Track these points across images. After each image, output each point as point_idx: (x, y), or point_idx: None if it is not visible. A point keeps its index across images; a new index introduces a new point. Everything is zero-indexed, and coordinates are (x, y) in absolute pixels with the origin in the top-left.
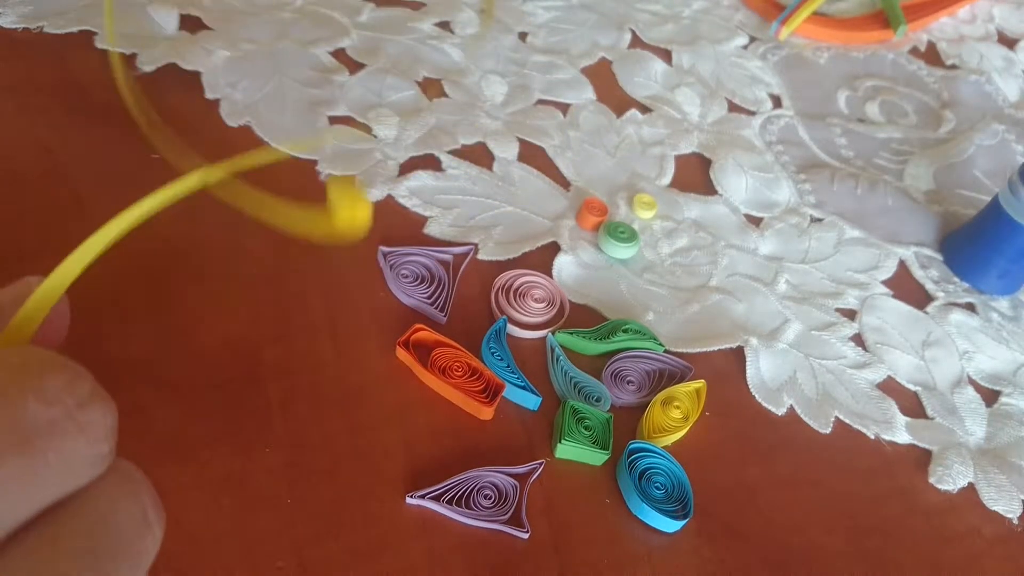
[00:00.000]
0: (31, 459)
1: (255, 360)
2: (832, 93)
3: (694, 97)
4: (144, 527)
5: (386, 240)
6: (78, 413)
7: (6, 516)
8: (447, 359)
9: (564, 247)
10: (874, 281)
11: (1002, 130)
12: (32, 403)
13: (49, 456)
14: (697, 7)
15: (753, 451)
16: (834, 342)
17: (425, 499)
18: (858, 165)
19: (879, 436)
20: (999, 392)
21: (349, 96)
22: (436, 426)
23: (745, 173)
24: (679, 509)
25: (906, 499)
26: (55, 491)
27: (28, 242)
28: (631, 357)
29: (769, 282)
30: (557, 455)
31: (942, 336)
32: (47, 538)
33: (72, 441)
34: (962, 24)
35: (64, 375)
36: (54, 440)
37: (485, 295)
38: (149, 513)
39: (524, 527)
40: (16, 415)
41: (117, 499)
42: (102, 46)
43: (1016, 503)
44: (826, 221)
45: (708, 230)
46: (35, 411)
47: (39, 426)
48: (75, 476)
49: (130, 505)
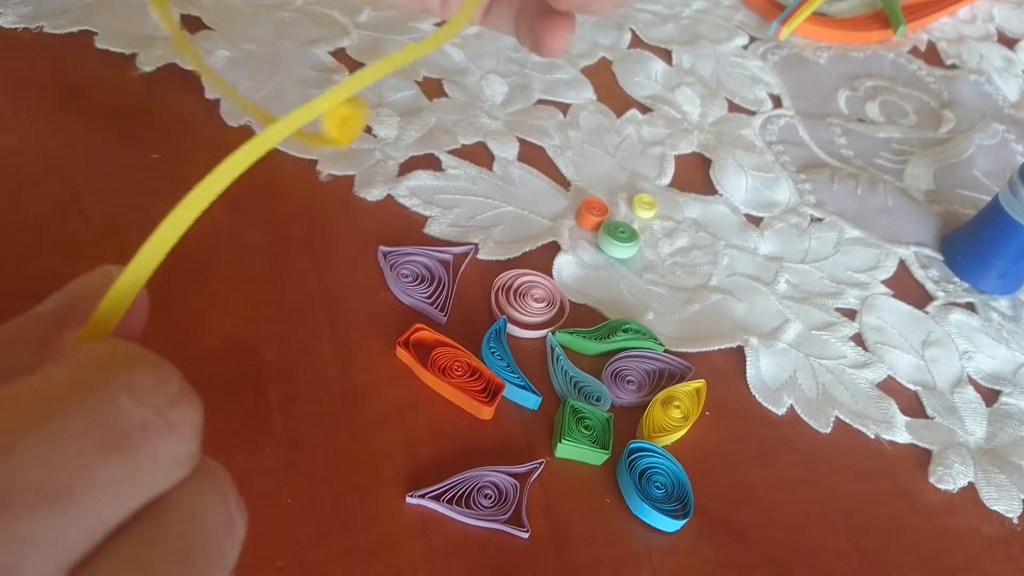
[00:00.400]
0: (126, 460)
1: (255, 360)
2: (832, 93)
3: (694, 97)
4: (230, 527)
5: (386, 240)
6: (168, 411)
7: (103, 518)
8: (447, 359)
9: (564, 247)
10: (874, 281)
11: (1002, 130)
12: (124, 402)
13: (142, 456)
14: (697, 7)
15: (753, 451)
16: (834, 342)
17: (425, 499)
18: (858, 165)
19: (879, 436)
20: (999, 392)
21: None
22: (436, 426)
23: (745, 173)
24: (679, 509)
25: (906, 499)
26: (148, 492)
27: (28, 242)
28: (631, 357)
29: (769, 282)
30: (557, 455)
31: (942, 336)
32: (142, 541)
33: (163, 440)
34: (962, 24)
35: (154, 372)
36: (147, 440)
37: (485, 295)
38: (234, 513)
39: (524, 527)
40: (109, 415)
41: (206, 499)
42: (102, 46)
43: (1016, 503)
44: (826, 221)
45: (708, 230)
46: (128, 410)
47: (132, 426)
48: (166, 476)
49: (218, 505)
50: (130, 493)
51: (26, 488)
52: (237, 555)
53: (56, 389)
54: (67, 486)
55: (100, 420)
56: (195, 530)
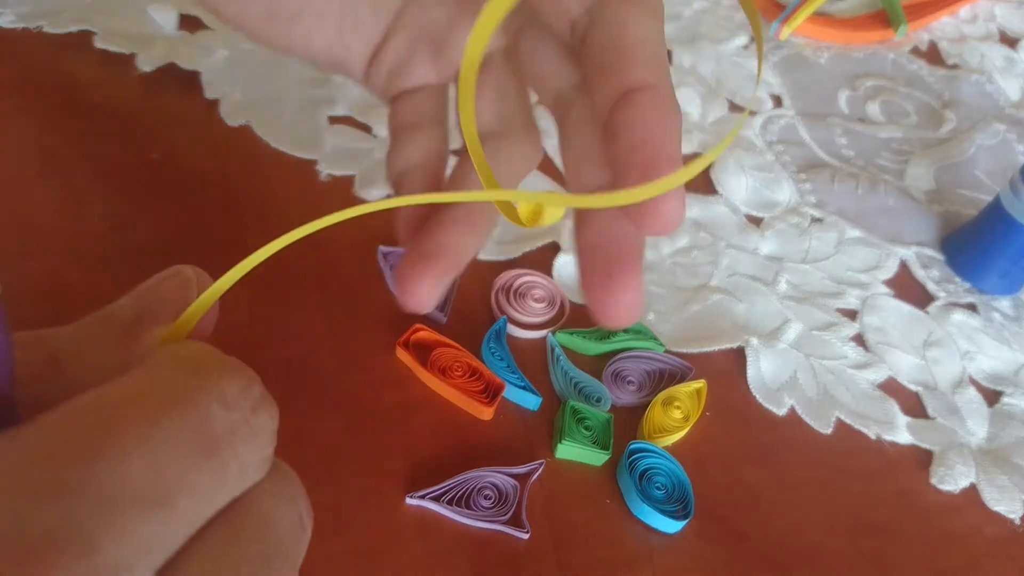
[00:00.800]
0: (217, 465)
1: (254, 360)
2: (833, 93)
3: (694, 97)
4: (300, 529)
5: (386, 240)
6: (252, 418)
7: (195, 522)
8: (447, 359)
9: (564, 247)
10: (875, 281)
11: (1003, 130)
12: (216, 408)
13: (231, 462)
14: (697, 7)
15: (754, 451)
16: (835, 342)
17: (425, 499)
18: (859, 165)
19: (880, 436)
20: (1001, 392)
21: (349, 96)
22: (436, 426)
23: (745, 173)
24: (679, 509)
25: (907, 499)
26: (232, 495)
27: (27, 242)
28: (631, 357)
29: (770, 282)
30: (557, 455)
31: (943, 336)
32: (224, 543)
33: (248, 446)
34: (963, 24)
35: (241, 379)
36: (235, 445)
37: (485, 295)
38: (303, 514)
39: (524, 527)
40: (203, 421)
41: (280, 501)
42: (101, 46)
43: (1018, 504)
44: (827, 221)
45: (708, 230)
46: (218, 416)
47: (223, 432)
48: (247, 480)
49: (291, 506)
50: (219, 497)
51: (136, 493)
52: (302, 558)
53: (154, 394)
54: (169, 491)
55: (196, 426)
56: (272, 531)
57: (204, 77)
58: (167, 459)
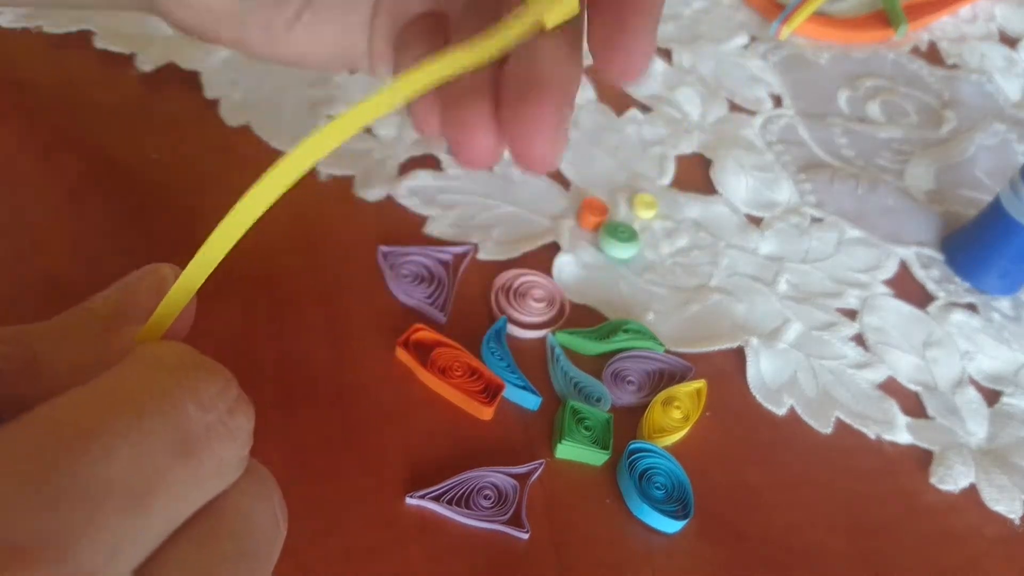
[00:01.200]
0: (194, 464)
1: (253, 360)
2: (833, 93)
3: (694, 97)
4: (276, 528)
5: (386, 240)
6: (228, 419)
7: (173, 520)
8: (447, 359)
9: (564, 247)
10: (875, 281)
11: (1003, 130)
12: (192, 409)
13: (207, 461)
14: (697, 6)
15: (754, 451)
16: (835, 342)
17: (425, 499)
18: (859, 165)
19: (880, 436)
20: (1000, 392)
21: (349, 96)
22: (436, 426)
23: (745, 173)
24: (679, 509)
25: (907, 499)
26: (208, 494)
27: (26, 242)
28: (631, 357)
29: (769, 282)
30: (557, 455)
31: (943, 336)
32: (201, 541)
33: (224, 446)
34: (963, 23)
35: (218, 380)
36: (211, 445)
37: (485, 295)
38: (278, 513)
39: (524, 527)
40: (179, 421)
41: (255, 501)
42: (101, 46)
43: (1018, 504)
44: (827, 221)
45: (708, 230)
46: (195, 417)
47: (199, 431)
48: (224, 480)
49: (266, 505)
50: (196, 496)
51: (117, 489)
52: (279, 554)
53: (131, 395)
54: (147, 492)
55: (173, 427)
56: (248, 530)
57: (204, 77)
58: (144, 459)
